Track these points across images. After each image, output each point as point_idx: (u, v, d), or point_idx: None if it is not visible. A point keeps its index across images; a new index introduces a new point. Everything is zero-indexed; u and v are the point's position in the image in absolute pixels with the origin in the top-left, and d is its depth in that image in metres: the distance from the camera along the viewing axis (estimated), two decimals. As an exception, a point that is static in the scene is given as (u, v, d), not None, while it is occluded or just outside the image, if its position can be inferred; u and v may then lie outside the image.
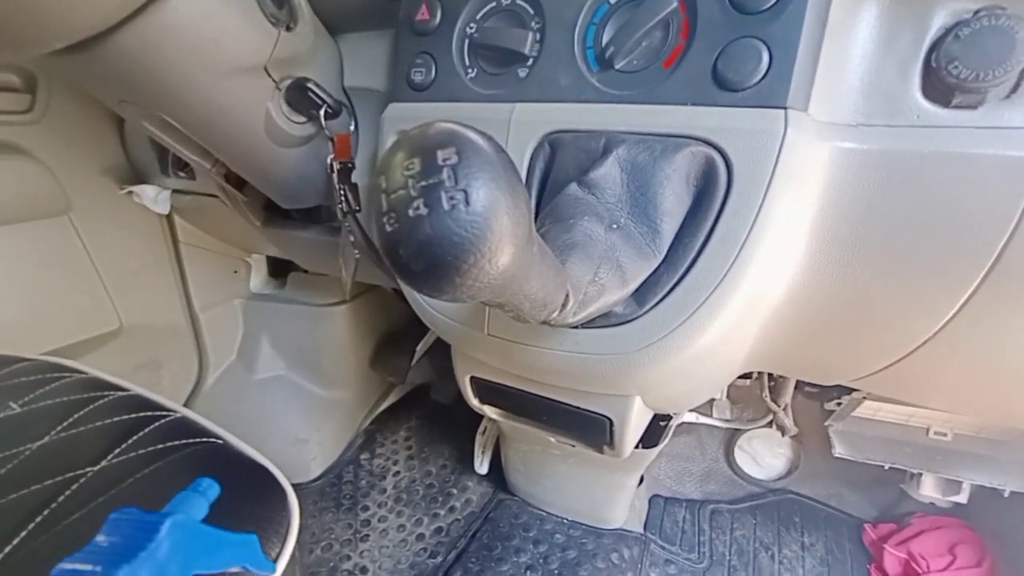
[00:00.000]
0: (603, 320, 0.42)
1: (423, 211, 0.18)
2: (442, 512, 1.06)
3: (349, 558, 0.98)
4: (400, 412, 1.31)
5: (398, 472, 1.17)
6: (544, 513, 0.97)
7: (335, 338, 1.14)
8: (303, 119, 0.56)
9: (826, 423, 0.89)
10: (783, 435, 0.89)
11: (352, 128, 0.58)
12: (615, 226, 0.37)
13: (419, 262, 0.19)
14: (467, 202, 0.18)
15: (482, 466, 1.07)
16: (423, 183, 0.18)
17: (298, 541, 0.43)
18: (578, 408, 0.53)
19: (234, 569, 0.36)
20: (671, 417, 0.70)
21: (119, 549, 0.27)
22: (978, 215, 0.35)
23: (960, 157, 0.34)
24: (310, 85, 0.53)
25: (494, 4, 0.47)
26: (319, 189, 0.63)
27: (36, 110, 0.77)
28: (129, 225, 0.92)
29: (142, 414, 0.51)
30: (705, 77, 0.38)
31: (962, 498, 0.89)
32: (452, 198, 0.18)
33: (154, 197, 0.86)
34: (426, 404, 1.31)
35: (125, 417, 0.50)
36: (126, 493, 0.41)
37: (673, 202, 0.37)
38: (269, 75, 0.52)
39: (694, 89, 0.38)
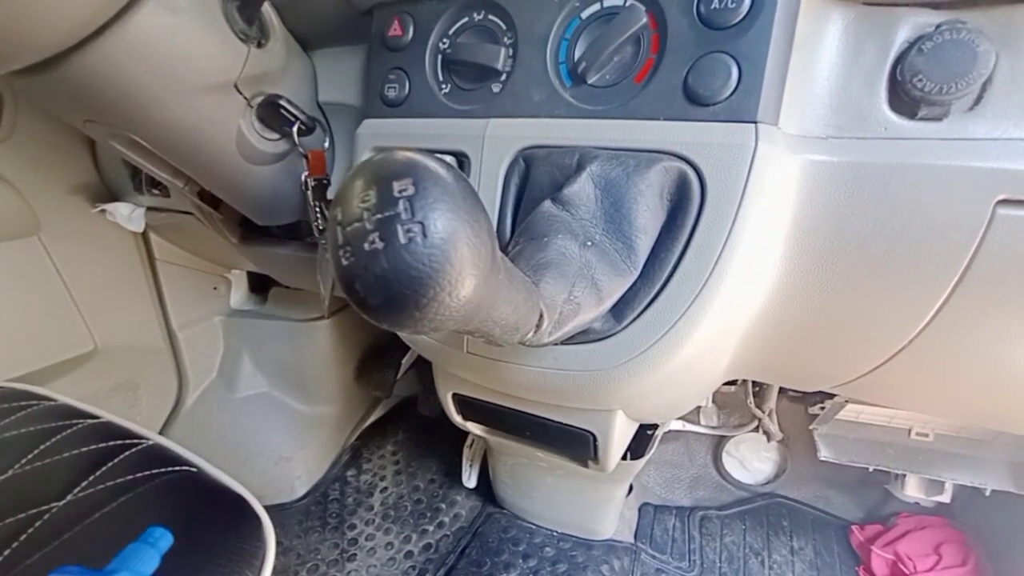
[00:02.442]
0: (582, 336, 0.41)
1: (379, 245, 0.18)
2: (431, 528, 1.04)
3: (336, 579, 0.96)
4: (386, 426, 1.29)
5: (385, 488, 1.15)
6: (533, 526, 0.96)
7: (318, 353, 1.13)
8: (276, 136, 0.55)
9: (811, 427, 0.90)
10: (768, 440, 0.89)
11: (327, 144, 0.58)
12: (590, 243, 0.36)
13: (376, 297, 0.18)
14: (424, 234, 0.18)
15: (470, 480, 1.06)
16: (378, 216, 0.18)
17: (283, 564, 0.42)
18: (561, 424, 0.53)
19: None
20: (657, 426, 0.69)
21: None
22: (947, 225, 0.35)
23: (927, 169, 0.35)
24: (282, 102, 0.52)
25: (466, 20, 0.46)
26: (295, 206, 0.62)
27: (2, 129, 0.75)
28: (102, 244, 0.90)
29: (112, 443, 0.50)
30: (676, 92, 0.38)
31: (945, 498, 0.90)
32: (409, 231, 0.18)
33: (128, 215, 0.85)
34: (413, 417, 1.30)
35: (94, 447, 0.48)
36: (93, 528, 0.39)
37: (647, 217, 0.37)
38: (240, 92, 0.51)
39: (666, 104, 0.38)
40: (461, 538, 1.00)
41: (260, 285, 1.18)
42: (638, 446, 0.67)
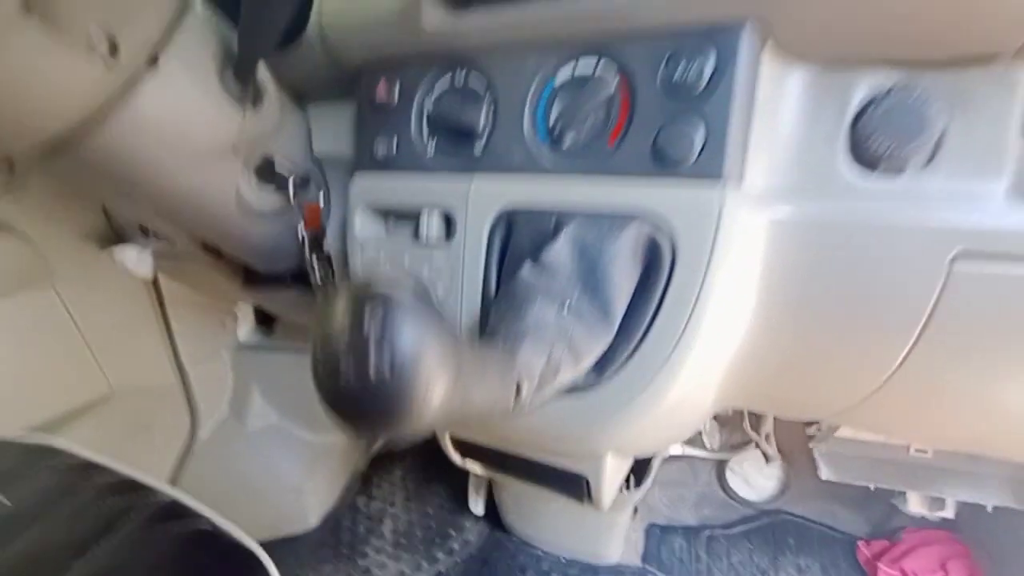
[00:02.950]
0: (569, 390, 0.43)
1: (351, 369, 0.20)
2: (441, 555, 1.05)
3: (348, 608, 0.97)
4: (395, 452, 1.31)
5: (396, 515, 1.17)
6: (540, 552, 0.97)
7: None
8: (273, 192, 0.58)
9: (810, 445, 0.90)
10: (767, 462, 0.90)
11: (322, 197, 0.60)
12: (567, 306, 0.38)
13: (353, 416, 0.20)
14: (393, 357, 0.20)
15: (477, 507, 1.07)
16: (351, 340, 0.20)
17: None
18: (553, 467, 0.54)
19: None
20: (650, 460, 0.71)
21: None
22: (907, 280, 0.37)
23: (885, 227, 0.36)
24: (277, 160, 0.55)
25: (449, 82, 0.49)
26: (294, 254, 0.64)
27: (15, 183, 0.79)
28: (113, 287, 0.93)
29: (129, 496, 0.52)
30: (645, 155, 0.40)
31: (948, 513, 0.90)
32: (379, 354, 0.20)
33: (136, 258, 0.88)
34: (421, 443, 1.31)
35: (111, 501, 0.51)
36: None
37: (622, 278, 0.39)
38: (237, 154, 0.54)
39: (636, 165, 0.40)
40: (471, 565, 1.01)
41: (267, 317, 1.21)
42: (636, 475, 0.68)
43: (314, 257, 0.59)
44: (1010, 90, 0.34)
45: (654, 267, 0.40)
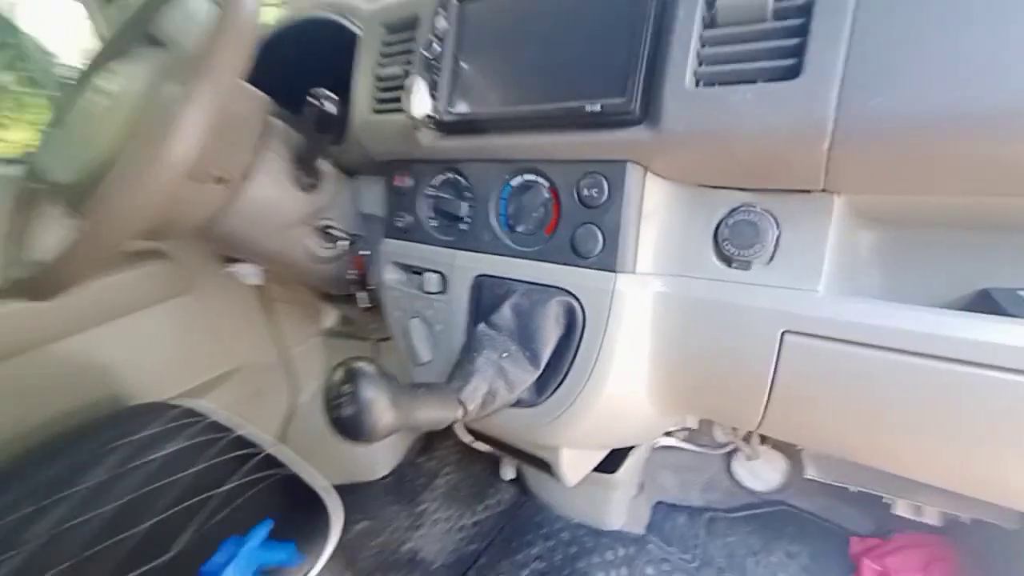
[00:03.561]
0: (519, 404, 0.60)
1: (339, 411, 0.40)
2: (479, 508, 1.29)
3: (406, 542, 1.24)
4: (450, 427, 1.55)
5: (448, 474, 1.42)
6: (555, 515, 1.17)
7: (392, 364, 1.41)
8: (333, 247, 0.79)
9: (797, 446, 1.00)
10: (747, 460, 1.00)
11: (365, 249, 0.81)
12: (506, 353, 0.55)
13: (343, 433, 0.40)
14: (357, 403, 0.39)
15: (507, 474, 1.28)
16: (337, 393, 0.40)
17: (371, 527, 0.64)
18: (529, 452, 0.72)
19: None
20: (629, 450, 0.86)
21: (225, 560, 0.52)
22: (754, 346, 0.49)
23: (737, 305, 0.49)
24: (332, 226, 0.77)
25: (446, 177, 0.66)
26: (349, 287, 0.87)
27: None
28: (233, 292, 1.24)
29: (245, 451, 0.78)
30: (567, 247, 0.55)
31: (932, 520, 0.95)
32: (350, 403, 0.39)
33: (247, 273, 1.16)
34: (470, 416, 1.55)
35: (234, 456, 0.77)
36: (234, 513, 0.67)
37: (547, 334, 0.55)
38: (306, 223, 0.76)
39: (561, 255, 0.56)
40: (501, 519, 1.23)
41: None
42: (610, 465, 0.84)
43: (363, 292, 0.80)
44: (825, 215, 0.45)
45: (571, 328, 0.55)
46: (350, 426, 0.41)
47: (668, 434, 1.21)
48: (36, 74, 1.31)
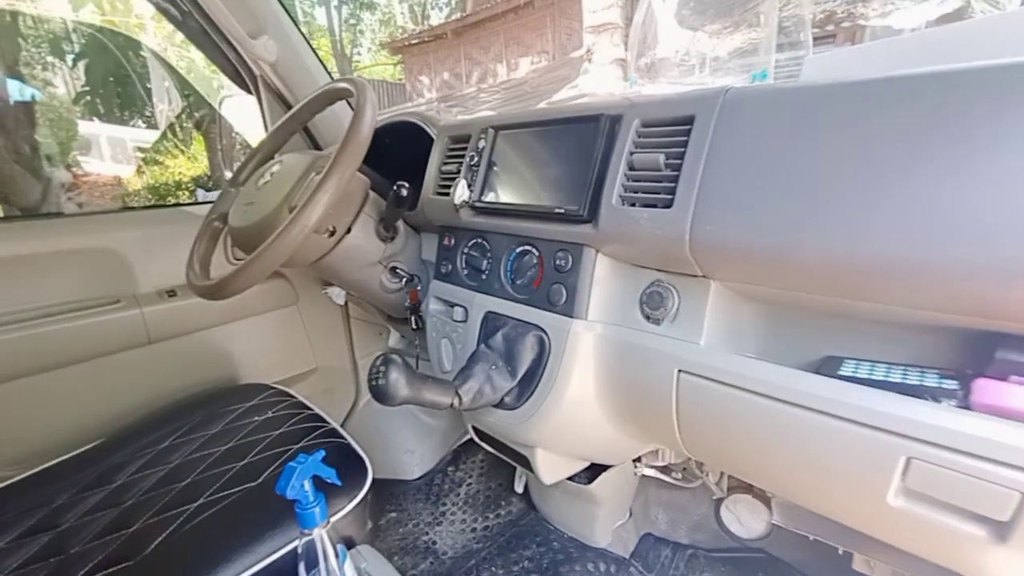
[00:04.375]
0: (504, 406, 0.85)
1: (375, 380, 0.67)
2: (492, 516, 1.50)
3: (426, 534, 1.48)
4: (477, 444, 1.79)
5: (470, 484, 1.65)
6: (551, 527, 1.36)
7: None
8: (398, 282, 1.10)
9: (768, 492, 1.13)
10: (712, 496, 1.14)
11: (420, 285, 1.11)
12: (495, 367, 0.81)
13: (374, 395, 0.67)
14: (386, 378, 0.66)
15: (519, 487, 1.49)
16: (378, 372, 0.67)
17: (399, 517, 0.89)
18: (515, 450, 0.96)
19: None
20: (606, 467, 1.06)
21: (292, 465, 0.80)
22: (659, 379, 0.71)
23: (650, 348, 0.71)
24: (399, 267, 1.07)
25: (473, 242, 0.95)
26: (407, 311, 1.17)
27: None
28: (327, 308, 1.59)
29: (316, 423, 1.08)
30: (545, 298, 0.80)
31: (883, 577, 1.04)
32: (383, 376, 0.66)
33: (337, 295, 1.51)
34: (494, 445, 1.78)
35: (309, 425, 1.07)
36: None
37: (524, 356, 0.80)
38: (381, 264, 1.07)
39: (541, 302, 0.81)
40: (507, 527, 1.43)
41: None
42: (588, 476, 1.05)
43: (413, 316, 1.10)
44: (705, 292, 0.68)
45: (542, 352, 0.80)
46: (378, 392, 0.68)
47: (664, 471, 1.37)
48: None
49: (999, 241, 0.42)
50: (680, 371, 0.69)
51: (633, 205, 0.67)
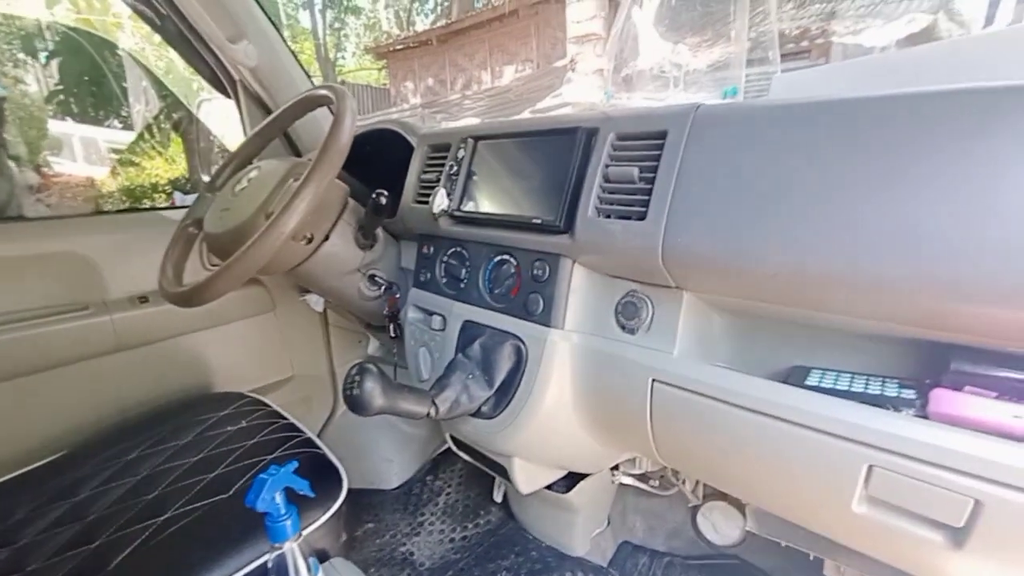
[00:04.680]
0: (481, 415, 0.85)
1: (350, 390, 0.66)
2: (470, 526, 1.49)
3: (404, 545, 1.46)
4: (456, 455, 1.78)
5: (449, 493, 1.64)
6: (530, 536, 1.35)
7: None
8: (377, 289, 1.09)
9: (743, 500, 1.15)
10: (687, 504, 1.15)
11: (399, 293, 1.10)
12: (471, 376, 0.81)
13: (349, 405, 0.67)
14: (361, 388, 0.66)
15: (498, 497, 1.49)
16: (353, 382, 0.66)
17: (376, 528, 0.87)
18: (493, 459, 0.95)
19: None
20: (584, 476, 1.07)
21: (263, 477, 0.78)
22: (633, 387, 0.72)
23: (626, 357, 0.72)
24: (377, 274, 1.07)
25: (452, 250, 0.95)
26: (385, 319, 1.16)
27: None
28: (304, 315, 1.57)
29: (291, 433, 1.06)
30: (522, 307, 0.81)
31: (853, 583, 1.06)
32: (357, 388, 0.66)
33: (315, 301, 1.49)
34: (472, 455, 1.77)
35: (283, 435, 1.05)
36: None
37: (502, 365, 0.81)
38: (360, 271, 1.07)
39: (518, 311, 0.81)
40: (485, 537, 1.43)
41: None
42: (566, 485, 1.05)
43: (392, 324, 1.09)
44: (678, 303, 0.69)
45: (520, 361, 0.80)
46: (353, 401, 0.67)
47: (641, 479, 1.38)
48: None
49: (940, 258, 0.44)
50: (654, 380, 0.70)
51: (608, 217, 0.68)
